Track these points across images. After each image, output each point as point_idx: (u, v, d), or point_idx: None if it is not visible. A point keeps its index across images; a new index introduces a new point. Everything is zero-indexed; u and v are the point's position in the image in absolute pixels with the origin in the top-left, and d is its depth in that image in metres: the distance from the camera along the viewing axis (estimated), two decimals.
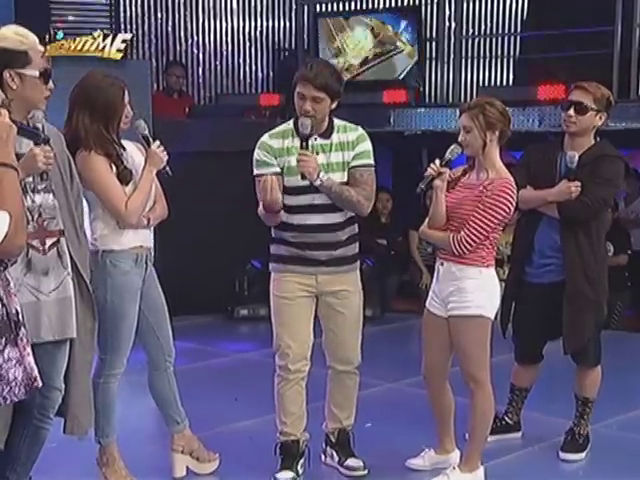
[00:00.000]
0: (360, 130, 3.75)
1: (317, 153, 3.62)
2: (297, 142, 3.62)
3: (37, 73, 3.00)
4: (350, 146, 3.69)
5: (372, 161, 3.73)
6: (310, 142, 3.60)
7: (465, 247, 3.56)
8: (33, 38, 3.01)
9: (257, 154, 3.69)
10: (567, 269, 3.95)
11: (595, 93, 3.91)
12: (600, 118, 3.94)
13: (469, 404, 3.71)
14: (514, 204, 3.60)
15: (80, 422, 3.28)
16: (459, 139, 3.62)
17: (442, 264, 3.70)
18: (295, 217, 3.69)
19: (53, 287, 3.09)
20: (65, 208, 3.14)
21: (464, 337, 3.64)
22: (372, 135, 3.83)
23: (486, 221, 3.54)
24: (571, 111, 3.91)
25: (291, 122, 3.70)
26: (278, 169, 3.65)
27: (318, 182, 3.56)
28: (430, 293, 3.81)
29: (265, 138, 3.71)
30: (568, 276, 3.95)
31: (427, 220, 3.74)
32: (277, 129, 3.74)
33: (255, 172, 3.69)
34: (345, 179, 3.68)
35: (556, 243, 3.98)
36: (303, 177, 3.55)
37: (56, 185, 3.11)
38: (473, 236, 3.55)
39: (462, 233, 3.56)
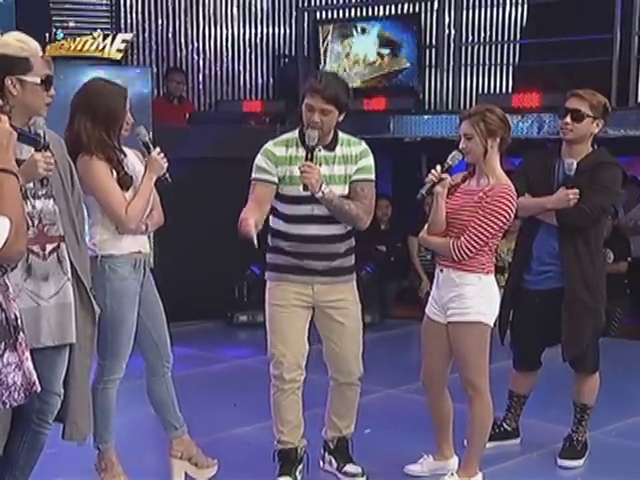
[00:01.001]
0: (364, 145, 3.77)
1: (320, 164, 3.63)
2: (301, 152, 3.62)
3: (38, 80, 3.01)
4: (353, 160, 3.70)
5: (373, 176, 3.74)
6: (315, 153, 3.60)
7: (465, 253, 3.56)
8: (35, 45, 3.02)
9: (258, 159, 3.70)
10: (565, 276, 3.95)
11: (591, 100, 3.92)
12: (597, 125, 3.95)
13: (468, 411, 3.71)
14: (514, 210, 3.61)
15: (79, 428, 3.28)
16: (460, 146, 3.63)
17: (441, 271, 3.70)
18: (294, 227, 3.70)
19: (53, 292, 3.09)
20: (65, 214, 3.15)
21: (463, 343, 3.64)
22: (371, 142, 3.84)
23: (486, 227, 3.55)
24: (568, 118, 3.93)
25: (296, 131, 3.70)
26: (275, 179, 3.66)
27: (320, 194, 3.55)
28: (429, 299, 3.82)
29: (269, 145, 3.72)
30: (566, 283, 3.95)
31: (426, 226, 3.75)
32: (282, 137, 3.75)
33: (253, 176, 3.70)
34: (346, 192, 3.69)
35: (554, 250, 3.98)
36: (305, 188, 3.54)
37: (57, 191, 3.12)
38: (473, 242, 3.56)
39: (462, 239, 3.57)
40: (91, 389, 3.47)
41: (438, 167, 3.64)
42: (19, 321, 2.47)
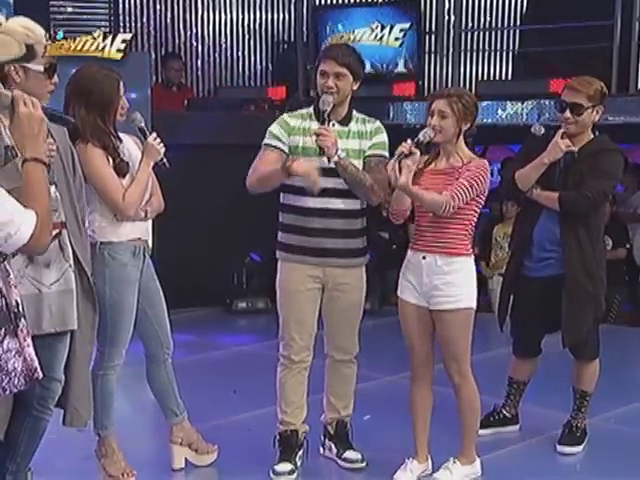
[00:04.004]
0: (378, 123, 3.78)
1: None
2: (315, 125, 3.62)
3: (42, 68, 2.99)
4: (367, 135, 3.71)
5: (387, 154, 3.73)
6: (327, 119, 3.59)
7: (453, 200, 3.47)
8: (40, 32, 2.99)
9: (273, 127, 3.71)
10: (567, 262, 3.95)
11: (587, 91, 3.89)
12: (597, 112, 3.93)
13: (456, 399, 3.69)
14: (487, 186, 3.57)
15: (79, 414, 3.28)
16: (432, 123, 3.56)
17: (424, 257, 3.64)
18: (307, 200, 3.66)
19: (54, 279, 3.09)
20: (67, 200, 3.14)
21: (454, 331, 3.61)
22: None
23: (468, 186, 3.49)
24: (567, 113, 3.91)
25: (311, 107, 3.73)
26: (286, 149, 3.66)
27: (335, 158, 3.53)
28: (403, 283, 3.75)
29: (284, 116, 3.75)
30: (568, 269, 3.95)
31: (394, 196, 3.63)
32: (297, 111, 3.78)
33: (265, 141, 3.70)
34: (360, 167, 3.67)
35: (555, 236, 3.98)
36: (322, 152, 3.52)
37: (58, 177, 3.11)
38: (459, 193, 3.48)
39: (450, 191, 3.48)
40: (91, 376, 3.47)
41: (409, 140, 3.58)
42: (20, 307, 2.47)
